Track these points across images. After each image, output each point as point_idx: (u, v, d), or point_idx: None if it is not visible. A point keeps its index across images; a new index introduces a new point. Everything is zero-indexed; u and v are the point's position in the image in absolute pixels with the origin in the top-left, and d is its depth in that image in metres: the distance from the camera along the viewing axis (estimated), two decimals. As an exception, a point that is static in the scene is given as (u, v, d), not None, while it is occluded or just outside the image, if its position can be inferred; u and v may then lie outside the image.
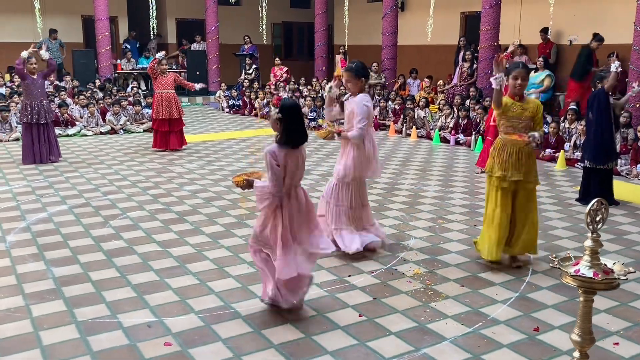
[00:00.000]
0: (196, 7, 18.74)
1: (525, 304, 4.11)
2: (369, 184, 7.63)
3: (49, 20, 16.78)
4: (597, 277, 2.50)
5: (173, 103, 9.66)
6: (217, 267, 4.73)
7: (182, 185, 7.46)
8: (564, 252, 5.04)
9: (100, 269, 4.67)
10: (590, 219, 2.55)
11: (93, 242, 5.30)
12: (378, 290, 4.32)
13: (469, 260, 4.92)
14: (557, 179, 8.07)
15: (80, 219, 6.01)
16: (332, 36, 19.87)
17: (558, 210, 6.46)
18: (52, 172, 8.21)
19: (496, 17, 11.70)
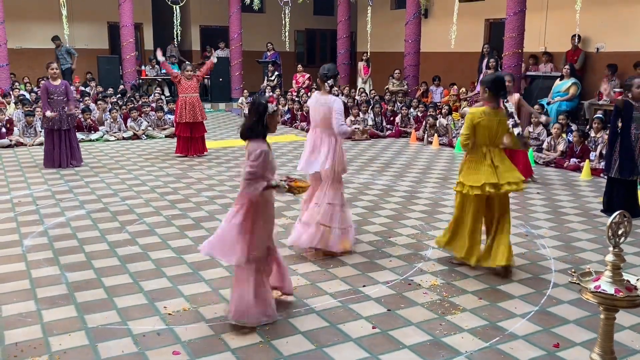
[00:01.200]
0: (220, 14, 18.89)
1: (545, 318, 3.97)
2: (388, 192, 7.57)
3: (76, 27, 17.11)
4: (619, 294, 2.38)
5: (197, 107, 9.68)
6: (230, 274, 4.66)
7: (200, 192, 7.45)
8: (586, 265, 4.88)
9: (114, 274, 4.66)
10: (612, 232, 2.43)
11: (108, 248, 5.30)
12: (393, 301, 4.22)
13: (488, 272, 4.78)
14: (581, 189, 7.86)
15: (97, 224, 6.02)
16: (354, 43, 19.84)
17: (582, 222, 6.27)
18: (73, 176, 8.28)
19: (521, 24, 11.51)
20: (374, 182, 8.12)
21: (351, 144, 11.42)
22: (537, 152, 9.64)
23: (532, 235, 5.77)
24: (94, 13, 17.41)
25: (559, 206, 6.90)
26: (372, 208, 6.76)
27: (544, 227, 6.04)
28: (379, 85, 16.35)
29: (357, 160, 9.72)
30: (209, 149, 10.55)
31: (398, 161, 9.72)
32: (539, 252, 5.29)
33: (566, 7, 12.02)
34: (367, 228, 5.97)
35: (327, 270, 4.80)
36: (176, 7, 16.73)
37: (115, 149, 10.65)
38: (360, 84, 16.52)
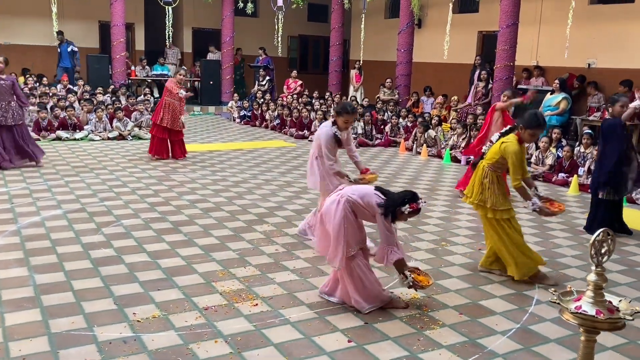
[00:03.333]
0: (213, 17, 18.78)
1: (526, 336, 3.86)
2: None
3: (66, 25, 16.90)
4: (601, 315, 2.27)
5: (177, 114, 9.53)
6: (205, 281, 4.53)
7: (181, 195, 7.30)
8: (571, 282, 4.79)
9: (84, 277, 4.50)
10: (595, 250, 2.32)
11: (82, 249, 5.13)
12: (371, 314, 4.09)
13: (470, 287, 4.67)
14: (569, 204, 7.77)
15: (72, 224, 5.85)
16: (347, 51, 19.79)
17: (568, 238, 6.18)
18: (54, 175, 8.10)
19: (513, 37, 11.49)
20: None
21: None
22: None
23: (516, 250, 5.66)
24: (85, 11, 17.22)
25: (545, 221, 6.81)
26: (356, 217, 6.62)
27: (530, 242, 5.93)
28: (371, 93, 16.28)
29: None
30: (195, 152, 10.41)
31: (385, 171, 9.62)
32: (523, 268, 5.17)
33: (559, 22, 12.01)
34: (350, 237, 5.83)
35: (306, 279, 4.67)
36: (169, 8, 16.60)
37: (99, 149, 10.47)
38: (352, 92, 16.45)
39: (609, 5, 12.21)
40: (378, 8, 18.11)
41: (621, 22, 11.84)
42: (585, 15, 12.28)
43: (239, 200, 7.09)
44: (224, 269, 4.81)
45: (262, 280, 4.59)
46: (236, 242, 5.49)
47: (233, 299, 4.22)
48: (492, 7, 13.33)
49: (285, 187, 7.96)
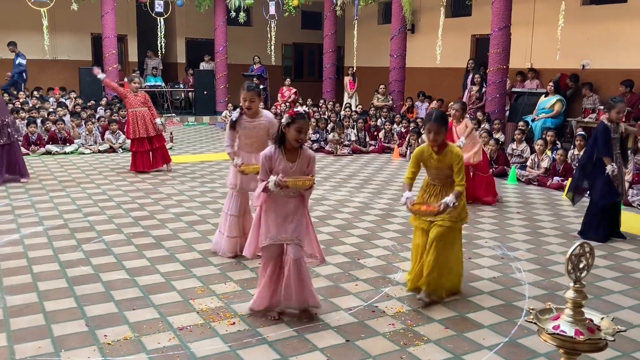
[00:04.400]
0: (206, 27, 18.69)
1: (514, 351, 3.69)
2: (363, 209, 7.30)
3: (58, 38, 16.87)
4: (580, 336, 2.11)
5: (147, 120, 9.31)
6: (182, 299, 4.38)
7: (167, 208, 7.15)
8: (562, 292, 4.62)
9: (58, 298, 4.35)
10: (572, 266, 2.16)
11: (59, 268, 4.98)
12: (353, 330, 3.93)
13: (458, 298, 4.51)
14: (563, 208, 7.62)
15: (52, 241, 5.71)
16: (341, 58, 19.68)
17: (561, 244, 6.02)
18: (39, 190, 7.96)
19: (506, 40, 11.34)
20: (350, 200, 7.85)
21: (333, 159, 11.18)
22: (520, 169, 9.41)
23: (507, 258, 5.51)
24: (77, 24, 17.12)
25: (538, 226, 6.66)
26: (344, 227, 6.48)
27: (521, 249, 5.78)
28: (365, 100, 16.16)
29: (336, 177, 9.46)
30: (186, 163, 10.29)
31: (378, 177, 9.47)
32: (514, 277, 5.02)
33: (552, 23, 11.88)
34: (337, 249, 5.69)
35: (287, 295, 4.50)
36: (161, 19, 16.54)
37: (88, 162, 10.34)
38: (347, 98, 16.33)
39: (601, 6, 12.08)
40: (370, 14, 18.02)
41: (614, 22, 11.70)
42: (578, 16, 12.14)
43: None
44: (204, 285, 4.65)
45: (241, 297, 4.43)
46: (218, 257, 5.33)
47: (210, 317, 4.06)
48: (484, 10, 13.20)
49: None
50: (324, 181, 9.07)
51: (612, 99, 6.29)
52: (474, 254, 5.58)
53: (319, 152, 11.96)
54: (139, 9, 17.71)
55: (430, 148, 4.41)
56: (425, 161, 4.46)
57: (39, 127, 11.43)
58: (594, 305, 4.29)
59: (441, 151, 4.37)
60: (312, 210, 7.19)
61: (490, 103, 11.69)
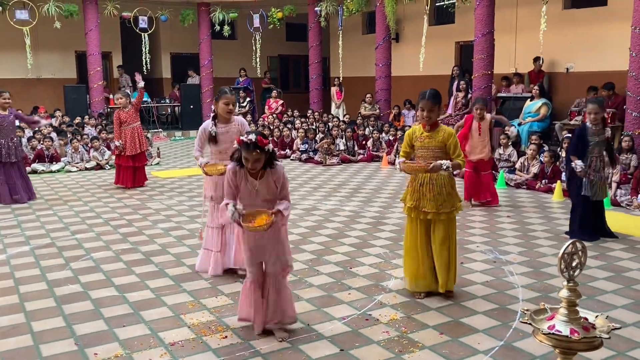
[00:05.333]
0: (190, 42, 18.68)
1: (510, 354, 3.67)
2: (354, 217, 7.27)
3: (42, 57, 16.78)
4: (575, 335, 2.09)
5: (137, 137, 9.24)
6: (173, 314, 4.31)
7: (156, 223, 7.08)
8: (555, 294, 4.60)
9: (46, 317, 4.26)
10: (565, 264, 2.14)
11: (46, 287, 4.90)
12: (347, 340, 3.88)
13: (452, 304, 4.48)
14: (553, 211, 7.64)
15: (39, 260, 5.62)
16: (327, 68, 19.74)
17: (552, 245, 6.01)
18: (25, 210, 7.86)
19: (490, 46, 11.43)
20: (341, 209, 7.82)
21: (322, 169, 11.16)
22: (508, 173, 9.44)
23: (500, 261, 5.50)
24: (60, 42, 17.05)
25: (529, 229, 6.66)
26: (336, 236, 6.45)
27: (513, 252, 5.78)
28: (353, 109, 16.19)
29: (325, 186, 9.44)
30: (174, 178, 10.23)
31: (368, 186, 9.46)
32: (507, 280, 5.00)
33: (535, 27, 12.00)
34: (329, 258, 5.65)
35: (280, 306, 4.45)
36: (145, 35, 16.52)
37: (75, 180, 10.25)
38: (334, 108, 16.35)
39: (582, 10, 12.22)
40: (355, 24, 18.10)
41: (596, 25, 11.83)
42: (560, 20, 12.27)
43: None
44: (195, 299, 4.59)
45: (233, 310, 4.36)
46: (209, 270, 5.27)
47: (202, 331, 4.00)
48: (467, 17, 13.31)
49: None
50: (314, 191, 9.04)
51: (589, 100, 6.42)
52: (466, 259, 5.56)
53: (308, 162, 11.95)
54: (123, 25, 17.70)
55: (422, 128, 4.53)
56: (415, 140, 4.54)
57: (24, 145, 11.32)
58: (588, 306, 4.28)
59: (433, 129, 4.47)
60: (303, 220, 7.16)
61: (477, 109, 11.72)
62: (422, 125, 4.56)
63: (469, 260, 5.55)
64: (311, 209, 7.78)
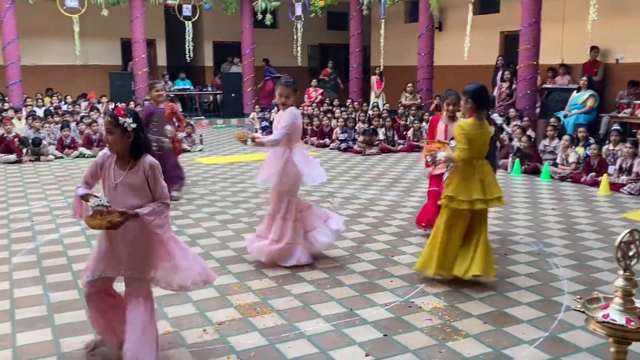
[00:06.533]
0: (232, 30, 18.84)
1: (555, 345, 3.64)
2: (394, 207, 7.28)
3: (89, 44, 17.18)
4: (631, 324, 2.08)
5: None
6: (219, 295, 4.42)
7: (200, 207, 7.23)
8: (602, 287, 4.54)
9: (99, 294, 4.43)
10: (622, 253, 2.13)
11: (98, 266, 5.08)
12: (390, 325, 3.92)
13: (495, 294, 4.47)
14: (599, 204, 7.48)
15: (90, 240, 5.82)
16: (368, 57, 19.64)
17: (599, 239, 5.91)
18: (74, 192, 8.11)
19: (536, 36, 11.20)
20: (381, 198, 7.83)
21: (361, 159, 11.17)
22: (552, 166, 9.27)
23: (544, 254, 5.44)
24: (106, 30, 17.44)
25: (574, 222, 6.55)
26: (376, 225, 6.47)
27: (558, 245, 5.70)
28: (393, 99, 16.09)
29: (365, 176, 9.45)
30: (216, 164, 10.38)
31: (408, 176, 9.43)
32: (551, 272, 4.95)
33: (584, 18, 11.70)
34: (370, 246, 5.68)
35: (323, 291, 4.52)
36: (188, 23, 16.75)
37: (121, 165, 10.51)
38: (374, 98, 16.30)
39: (635, -2, 11.84)
40: (397, 13, 17.96)
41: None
42: (611, 9, 11.91)
43: (258, 212, 6.99)
44: (240, 281, 4.70)
45: (278, 293, 4.46)
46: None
47: (247, 312, 4.10)
48: (513, 7, 13.06)
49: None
50: (353, 180, 9.07)
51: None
52: (509, 250, 5.52)
53: (347, 152, 11.97)
54: (167, 13, 17.98)
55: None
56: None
57: (72, 130, 11.67)
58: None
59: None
60: (343, 208, 7.20)
61: (521, 100, 11.55)
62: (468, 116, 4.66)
63: (512, 252, 5.50)
64: (350, 198, 7.82)
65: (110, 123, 3.09)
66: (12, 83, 14.27)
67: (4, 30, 13.96)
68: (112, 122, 3.08)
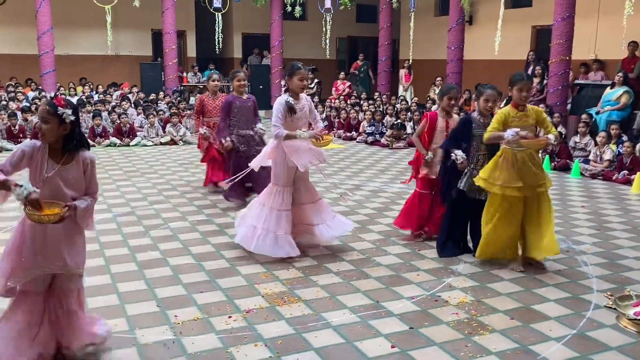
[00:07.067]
0: (262, 22, 18.92)
1: (583, 343, 3.61)
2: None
3: (120, 34, 17.43)
4: (663, 322, 2.06)
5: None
6: (247, 283, 4.49)
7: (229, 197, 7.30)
8: (632, 286, 4.47)
9: (129, 280, 4.54)
10: (655, 251, 2.10)
11: (129, 252, 5.20)
12: (416, 318, 3.94)
13: (522, 290, 4.44)
14: (631, 203, 7.36)
15: (121, 227, 5.95)
16: (397, 50, 19.53)
17: (630, 238, 5.82)
18: (106, 180, 8.29)
19: (569, 30, 11.02)
20: (408, 192, 7.80)
21: (388, 152, 11.14)
22: (583, 163, 9.13)
23: (573, 251, 5.38)
24: (138, 20, 17.67)
25: (605, 220, 6.46)
26: (403, 218, 6.46)
27: (587, 243, 5.63)
28: (421, 93, 16.00)
29: (392, 169, 9.44)
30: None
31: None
32: (580, 270, 4.90)
33: (619, 12, 11.45)
34: (396, 239, 5.69)
35: (350, 282, 4.56)
36: (218, 14, 16.85)
37: (151, 154, 10.68)
38: (402, 91, 16.22)
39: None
40: (427, 6, 17.81)
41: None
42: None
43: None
44: (267, 271, 4.75)
45: (304, 283, 4.51)
46: (280, 245, 5.43)
47: (275, 301, 4.16)
48: (546, 0, 12.85)
49: (332, 189, 7.87)
50: (380, 174, 9.06)
51: (481, 85, 5.45)
52: (537, 247, 5.46)
53: (374, 145, 11.95)
54: (198, 5, 18.11)
55: (515, 109, 4.71)
56: (512, 120, 4.67)
57: (104, 119, 11.88)
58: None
59: (525, 109, 4.73)
60: (370, 201, 7.20)
61: (552, 95, 11.39)
62: (514, 105, 4.74)
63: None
64: (377, 191, 7.82)
65: (48, 112, 2.96)
66: (46, 72, 14.56)
67: (39, 21, 14.23)
68: (49, 112, 2.96)
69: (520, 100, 4.70)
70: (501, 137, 4.63)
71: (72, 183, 3.06)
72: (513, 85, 4.72)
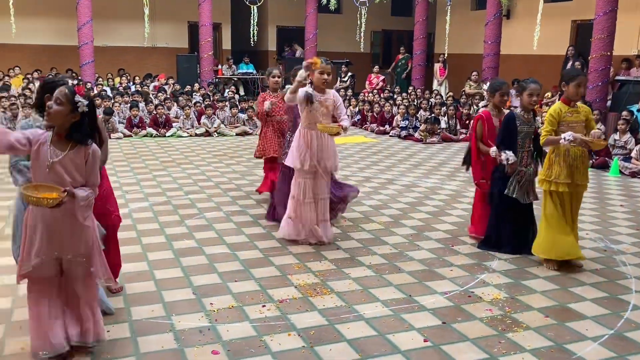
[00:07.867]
0: (296, 15, 18.95)
1: (620, 344, 3.56)
2: (456, 198, 7.20)
3: (157, 26, 17.67)
4: None
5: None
6: (281, 274, 4.54)
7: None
8: (673, 288, 4.38)
9: (166, 267, 4.63)
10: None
11: (165, 240, 5.30)
12: (449, 313, 3.93)
13: (558, 288, 4.39)
14: (672, 203, 7.17)
15: (158, 216, 6.07)
16: (432, 44, 19.35)
17: (671, 239, 5.68)
18: (142, 169, 8.45)
19: (611, 25, 10.76)
20: (441, 187, 7.77)
21: (422, 147, 11.08)
22: (623, 161, 8.92)
23: (611, 251, 5.28)
24: (175, 12, 17.91)
25: (644, 220, 6.32)
26: (436, 214, 6.43)
27: (626, 243, 5.52)
28: (456, 87, 15.84)
29: (425, 164, 9.38)
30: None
31: (469, 166, 9.28)
32: (618, 270, 4.81)
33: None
34: (430, 234, 5.67)
35: (382, 276, 4.57)
36: (254, 7, 16.94)
37: (186, 145, 10.84)
38: (436, 85, 16.09)
39: None
40: (463, 0, 17.57)
41: None
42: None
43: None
44: (300, 262, 4.80)
45: (337, 275, 4.53)
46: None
47: (308, 292, 4.19)
48: (587, -6, 12.57)
49: (364, 182, 7.87)
50: (414, 168, 9.02)
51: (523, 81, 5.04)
52: (574, 245, 5.37)
53: (407, 139, 11.89)
54: (233, -3, 18.24)
55: (566, 106, 4.67)
56: (565, 117, 4.64)
57: (141, 110, 12.10)
58: None
59: (575, 106, 4.71)
60: (403, 196, 7.19)
61: (591, 92, 11.13)
62: (565, 102, 4.70)
63: (577, 246, 5.36)
64: (410, 186, 7.79)
65: (65, 95, 2.91)
66: (85, 63, 14.87)
67: (79, 12, 14.54)
68: (66, 95, 2.91)
69: (576, 97, 4.66)
70: (557, 142, 4.53)
71: (76, 169, 3.01)
72: (570, 80, 4.61)
